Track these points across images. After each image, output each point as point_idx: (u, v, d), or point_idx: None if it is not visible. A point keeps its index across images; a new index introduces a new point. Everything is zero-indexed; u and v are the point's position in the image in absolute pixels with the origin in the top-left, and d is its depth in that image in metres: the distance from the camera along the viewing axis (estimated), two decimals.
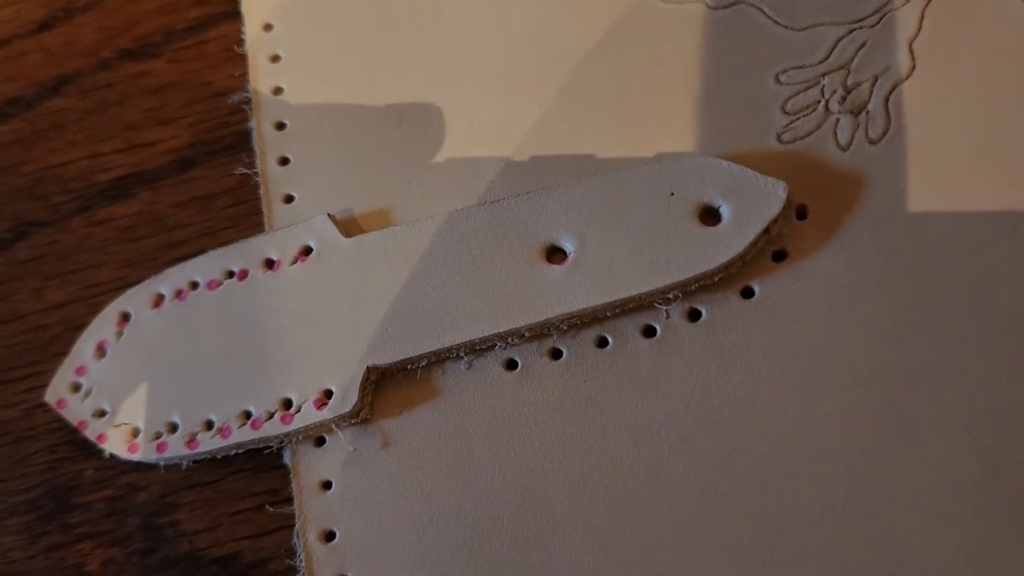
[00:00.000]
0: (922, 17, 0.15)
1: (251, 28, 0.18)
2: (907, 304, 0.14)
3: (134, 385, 0.16)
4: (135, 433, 0.16)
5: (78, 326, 0.17)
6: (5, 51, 0.20)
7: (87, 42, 0.19)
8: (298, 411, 0.15)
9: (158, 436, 0.15)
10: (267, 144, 0.17)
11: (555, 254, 0.15)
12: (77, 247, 0.18)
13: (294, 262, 0.16)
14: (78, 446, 0.16)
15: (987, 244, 0.14)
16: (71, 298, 0.17)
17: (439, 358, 0.15)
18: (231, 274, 0.16)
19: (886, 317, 0.14)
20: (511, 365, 0.15)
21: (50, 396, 0.16)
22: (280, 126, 0.17)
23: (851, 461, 0.13)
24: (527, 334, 0.14)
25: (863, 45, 0.15)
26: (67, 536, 0.16)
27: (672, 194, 0.14)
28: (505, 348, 0.15)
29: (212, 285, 0.16)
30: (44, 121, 0.19)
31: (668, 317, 0.14)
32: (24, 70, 0.19)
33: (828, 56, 0.15)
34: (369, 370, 0.15)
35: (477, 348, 0.15)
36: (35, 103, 0.19)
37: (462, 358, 0.15)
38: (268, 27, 0.18)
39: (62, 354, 0.17)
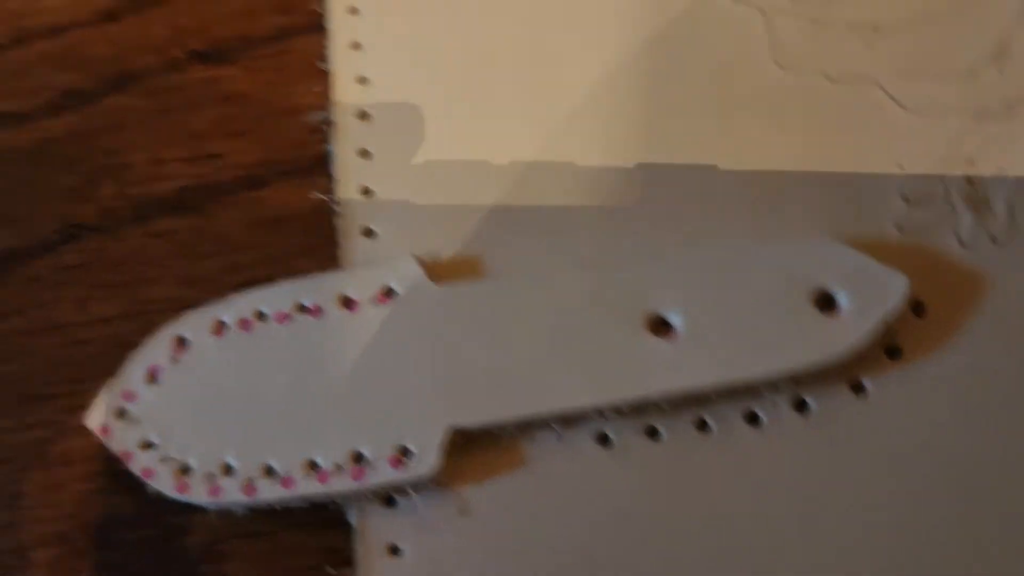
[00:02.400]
0: None
1: (338, 45, 0.17)
2: None
3: (188, 418, 0.14)
4: (185, 471, 0.14)
5: (125, 344, 0.15)
6: (64, 38, 0.18)
7: (156, 39, 0.18)
8: (371, 467, 0.13)
9: (212, 478, 0.14)
10: (348, 172, 0.16)
11: (661, 326, 0.14)
12: (130, 258, 0.16)
13: (374, 303, 0.14)
14: (119, 478, 0.15)
15: None
16: (119, 313, 0.16)
17: (528, 425, 0.13)
18: (303, 308, 0.15)
19: (1005, 428, 0.13)
20: (604, 440, 0.13)
21: (91, 420, 0.15)
22: (364, 154, 0.16)
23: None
24: (625, 409, 0.13)
25: (988, 138, 0.14)
26: None
27: (790, 277, 0.13)
28: (600, 421, 0.13)
29: (281, 318, 0.15)
30: (103, 118, 0.17)
31: (775, 405, 0.13)
32: (84, 61, 0.18)
33: (951, 146, 0.14)
34: (453, 432, 0.13)
35: (570, 419, 0.13)
36: (95, 98, 0.18)
37: (553, 428, 0.13)
38: (357, 46, 0.16)
39: (105, 374, 0.15)
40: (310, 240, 0.16)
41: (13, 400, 0.16)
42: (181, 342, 0.15)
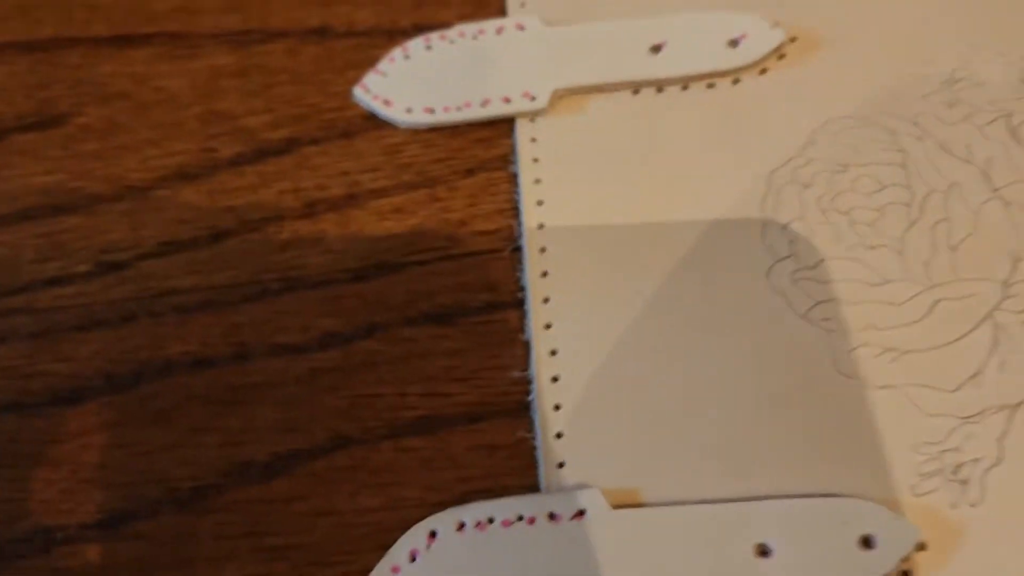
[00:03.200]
0: (1001, 443, 0.22)
1: (536, 324, 0.24)
2: None
3: None
4: None
5: (386, 529, 0.22)
6: (324, 291, 0.25)
7: (395, 299, 0.25)
8: None
9: None
10: (546, 422, 0.23)
11: (765, 552, 0.21)
12: (387, 466, 0.23)
13: (572, 519, 0.22)
14: None
15: None
16: (381, 506, 0.23)
17: None
18: (521, 518, 0.22)
19: None
20: None
21: None
22: (557, 407, 0.23)
23: None
24: None
25: (969, 436, 0.22)
26: None
27: (844, 523, 0.21)
28: None
29: (506, 523, 0.22)
30: (358, 357, 0.24)
31: None
32: (341, 310, 0.25)
33: (948, 438, 0.22)
34: None
35: None
36: (351, 341, 0.25)
37: None
38: (548, 326, 0.24)
39: (373, 550, 0.22)
40: (517, 465, 0.23)
41: (302, 563, 0.23)
42: (432, 534, 0.22)
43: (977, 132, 0.25)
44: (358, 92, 0.28)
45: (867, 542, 0.21)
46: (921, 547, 0.21)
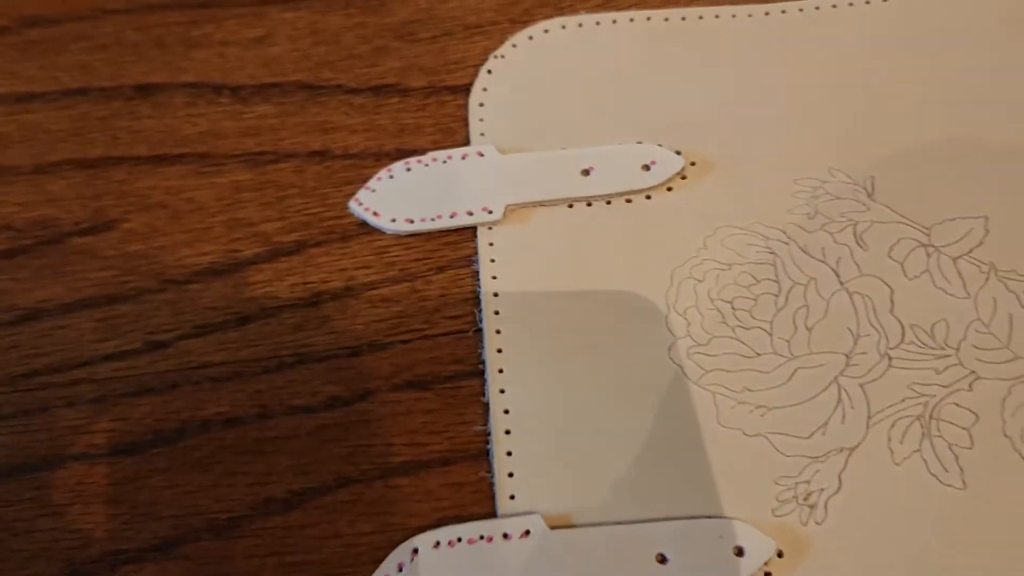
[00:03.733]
0: (840, 476, 0.29)
1: (492, 388, 0.31)
2: None
3: None
4: None
5: (379, 548, 0.29)
6: (328, 364, 0.32)
7: (384, 370, 0.32)
8: None
9: None
10: (501, 465, 0.30)
11: (663, 560, 0.28)
12: (379, 499, 0.30)
13: (520, 537, 0.29)
14: None
15: None
16: (374, 530, 0.30)
17: None
18: (482, 537, 0.29)
19: None
20: None
21: None
22: (509, 453, 0.30)
23: None
24: None
25: (817, 471, 0.30)
26: None
27: (721, 536, 0.28)
28: None
29: (471, 542, 0.29)
30: (356, 416, 0.31)
31: None
32: (341, 379, 0.32)
33: (801, 473, 0.29)
34: None
35: None
36: (349, 403, 0.32)
37: None
38: (502, 391, 0.31)
39: (369, 564, 0.29)
40: (478, 496, 0.30)
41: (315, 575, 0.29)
42: (415, 551, 0.29)
43: (830, 238, 0.33)
44: (352, 204, 0.35)
45: (739, 551, 0.28)
46: (779, 554, 0.28)
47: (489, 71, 0.37)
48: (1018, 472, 0.29)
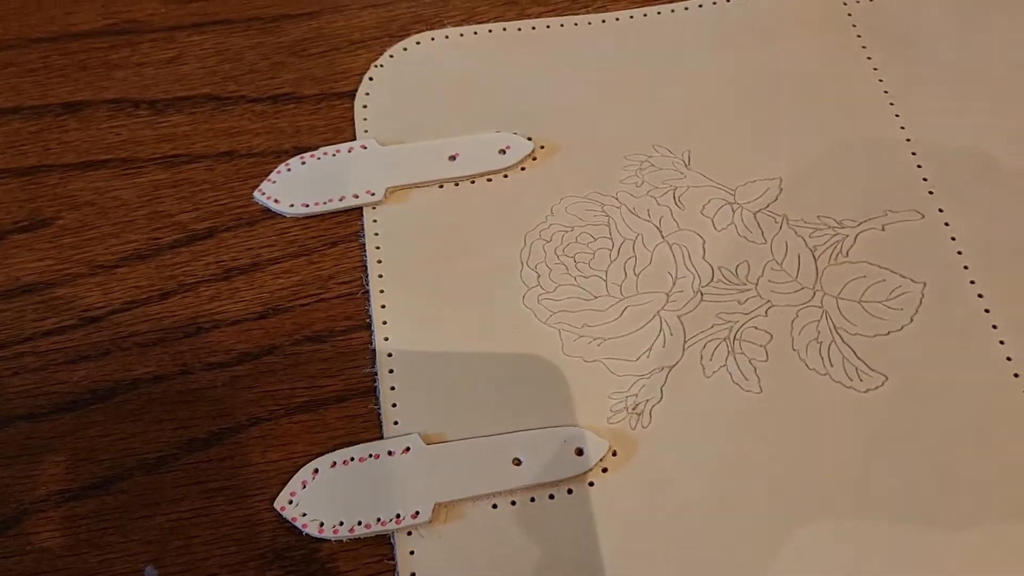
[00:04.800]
0: (662, 389, 0.36)
1: (378, 338, 0.37)
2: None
3: (319, 506, 0.34)
4: (321, 525, 0.33)
5: (286, 472, 0.34)
6: (240, 327, 0.38)
7: (287, 329, 0.38)
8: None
9: (330, 527, 0.33)
10: (386, 398, 0.36)
11: (518, 463, 0.34)
12: (285, 433, 0.35)
13: (403, 453, 0.34)
14: (290, 531, 0.34)
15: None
16: (282, 458, 0.35)
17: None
18: (371, 456, 0.35)
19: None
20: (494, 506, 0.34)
21: (277, 503, 0.34)
22: (392, 388, 0.36)
23: None
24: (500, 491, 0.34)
25: (643, 386, 0.36)
26: None
27: (565, 441, 0.34)
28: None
29: (362, 460, 0.34)
30: (264, 367, 0.37)
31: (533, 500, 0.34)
32: (251, 338, 0.38)
33: (630, 389, 0.36)
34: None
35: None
36: (258, 357, 0.37)
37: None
38: (386, 339, 0.37)
39: (278, 485, 0.34)
40: (368, 426, 0.36)
41: (233, 496, 0.35)
42: (316, 471, 0.34)
43: (654, 201, 0.40)
44: (256, 194, 0.41)
45: (580, 451, 0.34)
46: (613, 453, 0.35)
47: (371, 78, 0.43)
48: (804, 378, 0.36)
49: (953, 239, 0.38)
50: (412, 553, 0.33)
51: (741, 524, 0.33)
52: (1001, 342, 0.36)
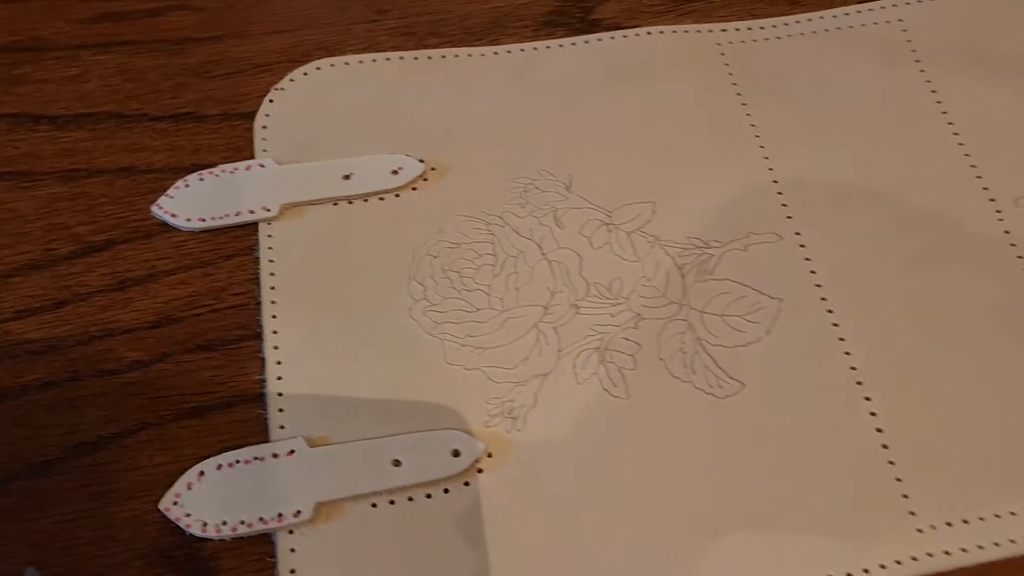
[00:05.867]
0: (536, 395, 0.38)
1: (268, 347, 0.38)
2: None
3: (203, 506, 0.35)
4: (205, 525, 0.34)
5: (172, 474, 0.35)
6: (132, 335, 0.39)
7: (180, 337, 0.39)
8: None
9: (213, 526, 0.34)
10: (273, 404, 0.37)
11: (398, 463, 0.36)
12: (173, 438, 0.36)
13: (287, 455, 0.36)
14: (174, 531, 0.34)
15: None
16: (169, 461, 0.35)
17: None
18: (257, 458, 0.36)
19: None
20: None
21: (162, 504, 0.35)
22: (280, 394, 0.37)
23: None
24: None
25: (520, 393, 0.38)
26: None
27: (443, 443, 0.36)
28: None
29: (247, 462, 0.35)
30: (155, 374, 0.38)
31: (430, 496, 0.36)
32: (143, 346, 0.38)
33: (507, 395, 0.38)
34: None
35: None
36: (150, 365, 0.38)
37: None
38: (276, 348, 0.38)
39: (164, 487, 0.35)
40: (255, 430, 0.37)
41: (119, 499, 0.35)
42: (201, 473, 0.35)
43: (536, 221, 0.42)
44: (154, 209, 0.42)
45: (456, 453, 0.36)
46: (489, 455, 0.36)
47: (271, 100, 0.45)
48: (668, 384, 0.38)
49: (808, 260, 0.41)
50: (293, 551, 0.34)
51: (609, 519, 0.35)
52: (847, 353, 0.38)
